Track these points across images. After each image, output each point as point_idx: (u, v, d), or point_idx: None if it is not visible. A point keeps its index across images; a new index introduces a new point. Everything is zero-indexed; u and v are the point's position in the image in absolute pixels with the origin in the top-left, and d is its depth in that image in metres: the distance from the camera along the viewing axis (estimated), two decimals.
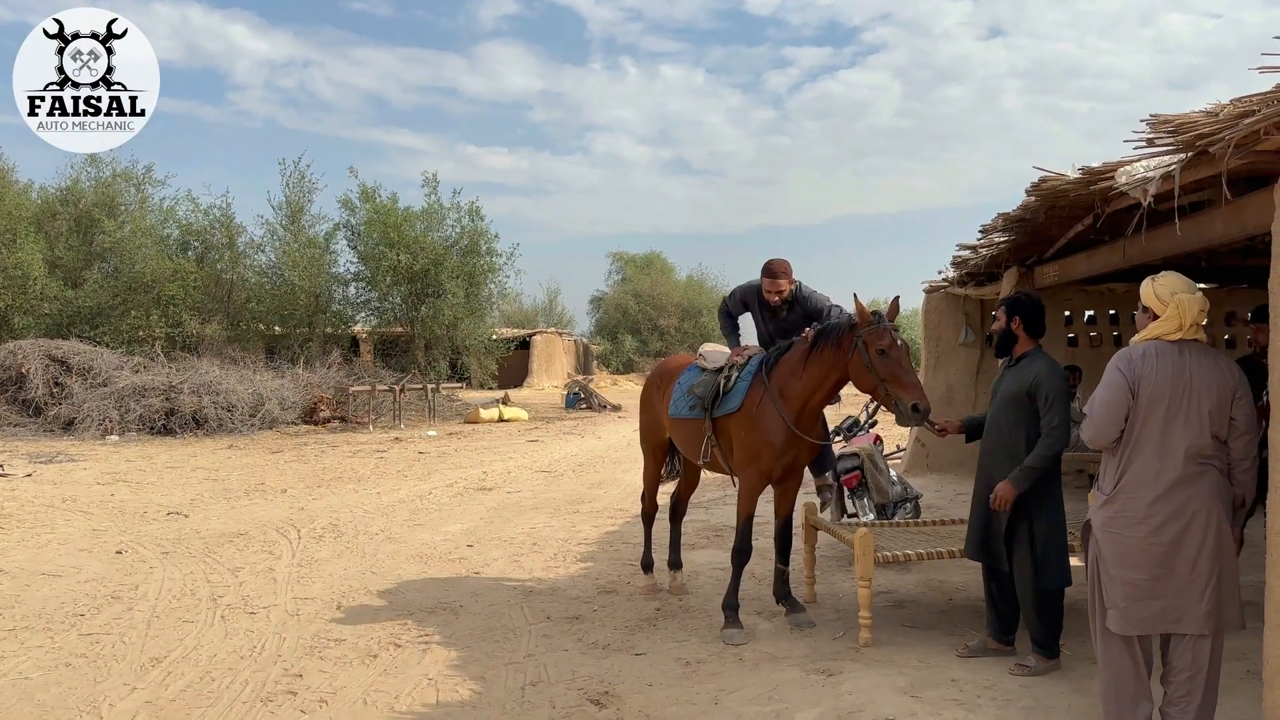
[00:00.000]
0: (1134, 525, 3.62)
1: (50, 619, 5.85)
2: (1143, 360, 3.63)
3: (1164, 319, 3.67)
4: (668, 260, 58.31)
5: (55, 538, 8.43)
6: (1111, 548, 3.68)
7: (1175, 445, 3.57)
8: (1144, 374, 3.61)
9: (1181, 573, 3.57)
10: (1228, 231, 4.62)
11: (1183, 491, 3.57)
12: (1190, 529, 3.56)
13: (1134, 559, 3.62)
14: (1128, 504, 3.64)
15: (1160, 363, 3.61)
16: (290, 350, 25.88)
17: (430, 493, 11.24)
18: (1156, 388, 3.58)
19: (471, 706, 4.39)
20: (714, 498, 10.24)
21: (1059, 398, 4.58)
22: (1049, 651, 4.71)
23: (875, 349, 5.01)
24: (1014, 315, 4.81)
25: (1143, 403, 3.60)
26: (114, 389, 18.56)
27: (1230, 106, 3.56)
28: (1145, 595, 3.61)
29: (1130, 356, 3.68)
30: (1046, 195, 5.23)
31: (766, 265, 5.90)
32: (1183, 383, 3.58)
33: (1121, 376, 3.64)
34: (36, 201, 27.05)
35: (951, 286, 10.54)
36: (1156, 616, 3.62)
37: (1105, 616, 3.71)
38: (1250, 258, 6.90)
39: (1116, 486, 3.68)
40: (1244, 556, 5.40)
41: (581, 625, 5.69)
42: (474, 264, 26.90)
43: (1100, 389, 3.73)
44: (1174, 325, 3.65)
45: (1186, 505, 3.56)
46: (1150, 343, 3.70)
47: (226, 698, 4.50)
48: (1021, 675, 4.63)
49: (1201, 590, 3.56)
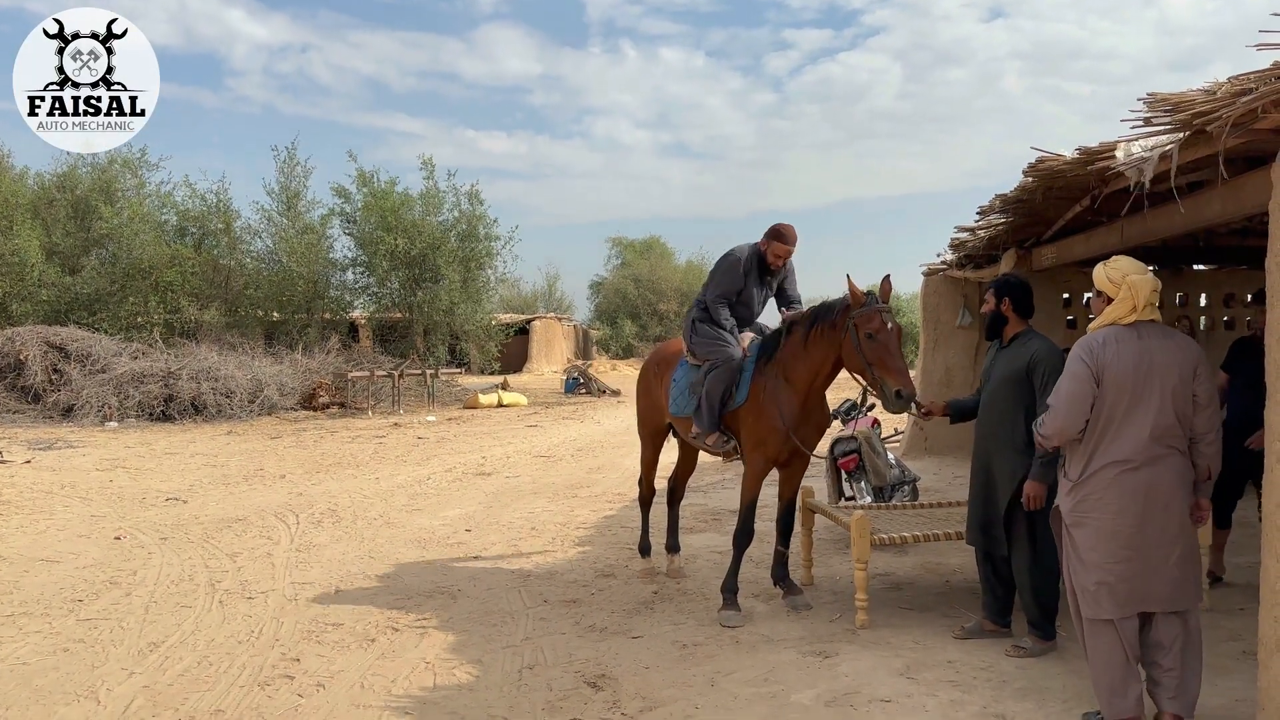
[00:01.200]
0: (1102, 509, 3.66)
1: (48, 604, 5.86)
2: (1104, 348, 3.66)
3: (1117, 301, 3.72)
4: (667, 245, 58.23)
5: (54, 524, 8.44)
6: (1082, 533, 3.72)
7: (1141, 428, 3.61)
8: (1106, 362, 3.63)
9: (1149, 553, 3.63)
10: (1226, 211, 4.60)
11: (1148, 473, 3.62)
12: (1156, 510, 3.62)
13: (1104, 543, 3.65)
14: (1095, 489, 3.67)
15: (1120, 348, 3.64)
16: (289, 336, 25.88)
17: (429, 478, 11.25)
18: (1119, 374, 3.62)
19: (469, 689, 4.39)
20: (712, 482, 10.25)
21: (1054, 377, 4.54)
22: (1045, 633, 4.71)
23: (864, 331, 5.00)
24: (1003, 297, 4.78)
25: (1108, 390, 3.63)
26: (113, 375, 18.55)
27: (1228, 85, 3.54)
28: (1116, 578, 3.64)
29: (1091, 345, 3.70)
30: (1044, 176, 5.21)
31: (782, 231, 5.68)
32: (1144, 365, 3.62)
33: (1084, 366, 3.67)
34: (33, 188, 26.93)
35: (950, 269, 10.51)
36: (1128, 598, 3.66)
37: (1082, 603, 3.75)
38: (1249, 238, 6.88)
39: (1084, 473, 3.71)
40: (1239, 537, 5.43)
41: (579, 609, 5.69)
42: (472, 248, 26.83)
43: (1064, 380, 3.74)
44: (1128, 308, 3.69)
45: (1152, 488, 3.61)
46: (1109, 329, 3.73)
47: (224, 682, 4.51)
48: (1018, 656, 4.64)
49: (1169, 569, 3.63)
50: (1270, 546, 3.42)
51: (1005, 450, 4.68)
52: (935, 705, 4.11)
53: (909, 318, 39.79)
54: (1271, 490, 3.42)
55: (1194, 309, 10.73)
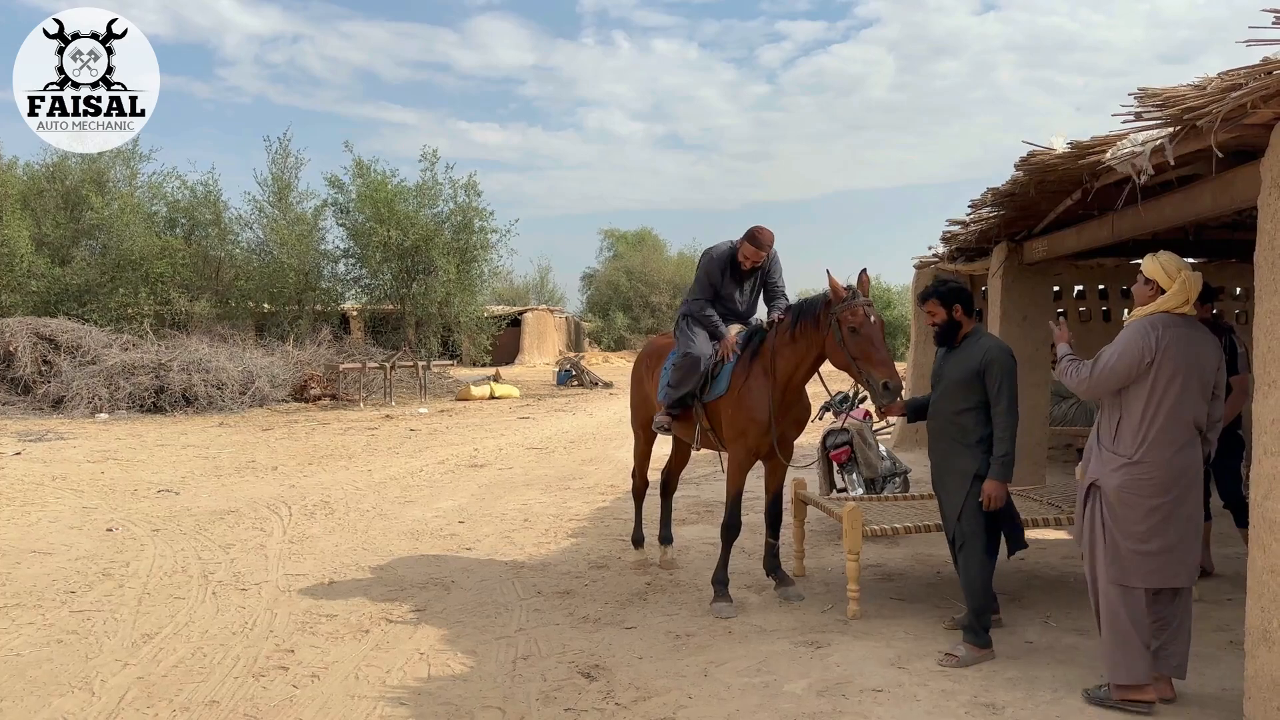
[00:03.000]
0: (1149, 487, 3.87)
1: (41, 596, 5.86)
2: (1165, 330, 3.88)
3: (1172, 293, 3.92)
4: (659, 237, 58.28)
5: (45, 515, 8.42)
6: (1125, 508, 3.91)
7: (1185, 414, 3.87)
8: (1167, 344, 3.85)
9: (1177, 532, 3.88)
10: (1216, 205, 4.62)
11: (1185, 457, 3.89)
12: (1188, 493, 3.89)
13: (1143, 518, 3.88)
14: (1148, 469, 3.88)
15: (1177, 335, 3.88)
16: (280, 327, 25.80)
17: (421, 470, 11.25)
18: (1177, 359, 3.85)
19: (463, 680, 4.41)
20: (704, 474, 10.27)
21: (1006, 376, 4.55)
22: (979, 640, 4.57)
23: (848, 326, 5.02)
24: (953, 303, 4.76)
25: (1165, 371, 3.85)
26: (103, 367, 18.47)
27: (1218, 80, 3.56)
28: (1149, 552, 3.88)
29: (1156, 325, 3.90)
30: (1035, 169, 5.22)
31: (756, 235, 5.76)
32: (1193, 355, 3.87)
33: (1146, 344, 3.86)
34: (23, 178, 26.75)
35: (942, 262, 10.54)
36: (1156, 571, 3.89)
37: (1110, 572, 3.94)
38: (1238, 232, 6.91)
39: (1140, 450, 3.89)
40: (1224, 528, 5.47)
41: (572, 600, 5.72)
42: (467, 240, 26.76)
43: (1123, 346, 3.91)
44: (1182, 299, 3.92)
45: (1186, 471, 3.89)
46: (1162, 315, 3.93)
47: (219, 673, 4.52)
48: (950, 665, 4.49)
49: (1188, 547, 3.91)
50: (1258, 537, 3.46)
51: (958, 449, 4.67)
52: (926, 695, 4.15)
53: (899, 310, 39.91)
54: (1259, 482, 3.45)
55: None
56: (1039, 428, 8.13)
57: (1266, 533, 3.39)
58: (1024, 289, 8.06)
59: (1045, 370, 8.27)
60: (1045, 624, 5.12)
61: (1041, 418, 8.17)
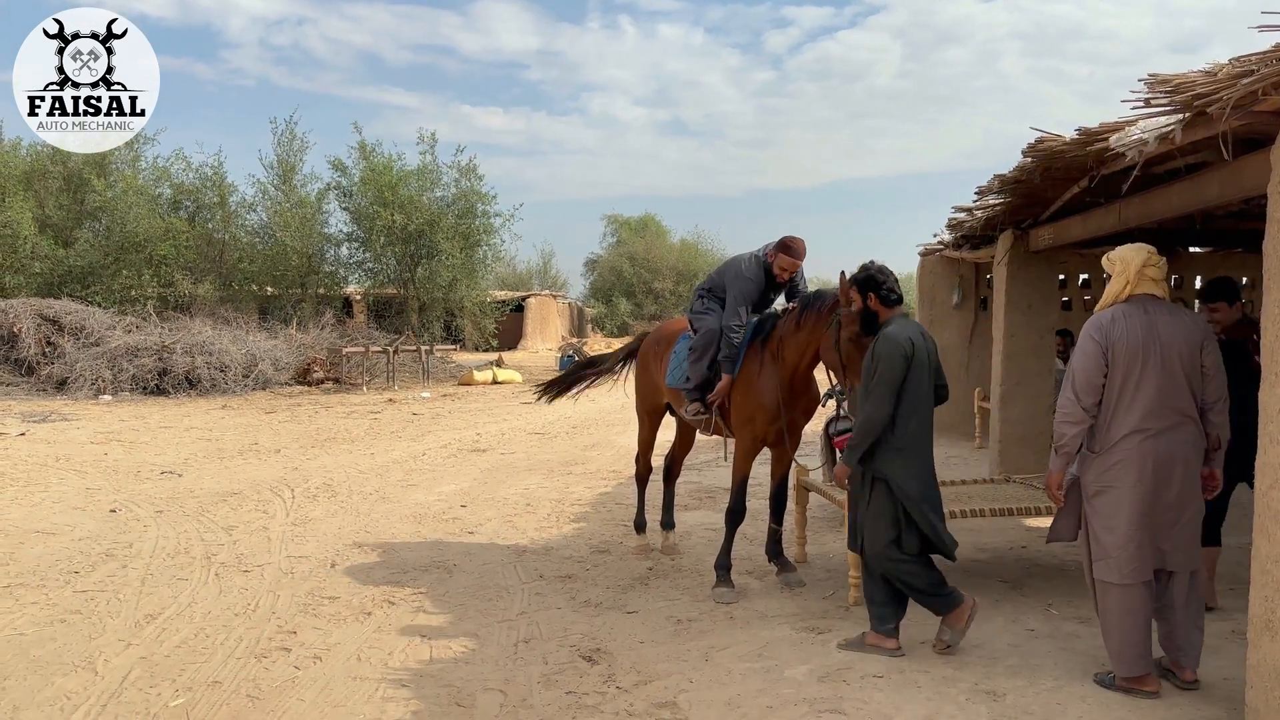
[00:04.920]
0: (1123, 476, 3.87)
1: (45, 576, 5.88)
2: (1112, 324, 3.90)
3: (1114, 278, 3.99)
4: (662, 223, 58.04)
5: (49, 496, 8.44)
6: (1103, 501, 3.93)
7: (1154, 398, 3.84)
8: (1115, 337, 3.86)
9: (1163, 517, 3.86)
10: (1224, 193, 4.60)
11: (1165, 440, 3.84)
12: (1171, 477, 3.85)
13: (1124, 509, 3.86)
14: (1116, 457, 3.88)
15: (1129, 324, 3.87)
16: (283, 311, 25.81)
17: (424, 453, 11.26)
18: (1129, 347, 3.84)
19: (464, 663, 4.42)
20: (707, 460, 10.27)
21: (880, 364, 4.42)
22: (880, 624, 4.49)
23: (846, 334, 5.01)
24: (867, 291, 4.69)
25: (1120, 363, 3.85)
26: (106, 349, 18.50)
27: (1228, 66, 3.53)
28: (1135, 543, 3.86)
29: (1100, 322, 3.94)
30: (1043, 156, 5.20)
31: (791, 246, 5.66)
32: (1153, 338, 3.85)
33: (1095, 343, 3.90)
34: (26, 159, 26.72)
35: (947, 249, 10.51)
36: (1145, 561, 3.88)
37: (1096, 567, 3.97)
38: (1246, 221, 6.88)
39: (1105, 443, 3.91)
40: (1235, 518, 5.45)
41: (574, 584, 5.73)
42: (470, 225, 26.70)
43: (1076, 359, 3.96)
44: (1122, 281, 3.96)
45: (1168, 454, 3.83)
46: (1115, 307, 3.96)
47: (221, 653, 4.53)
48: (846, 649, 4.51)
49: (1179, 531, 3.88)
50: (1262, 527, 3.45)
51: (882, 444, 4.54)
52: (927, 681, 4.15)
53: (905, 298, 39.90)
54: (1265, 471, 3.44)
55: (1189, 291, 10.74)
56: (1042, 416, 8.12)
57: (1271, 522, 3.38)
58: (1029, 277, 8.04)
59: (1049, 358, 8.26)
60: (1046, 611, 5.12)
61: (1044, 407, 8.15)
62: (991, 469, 8.18)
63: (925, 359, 4.52)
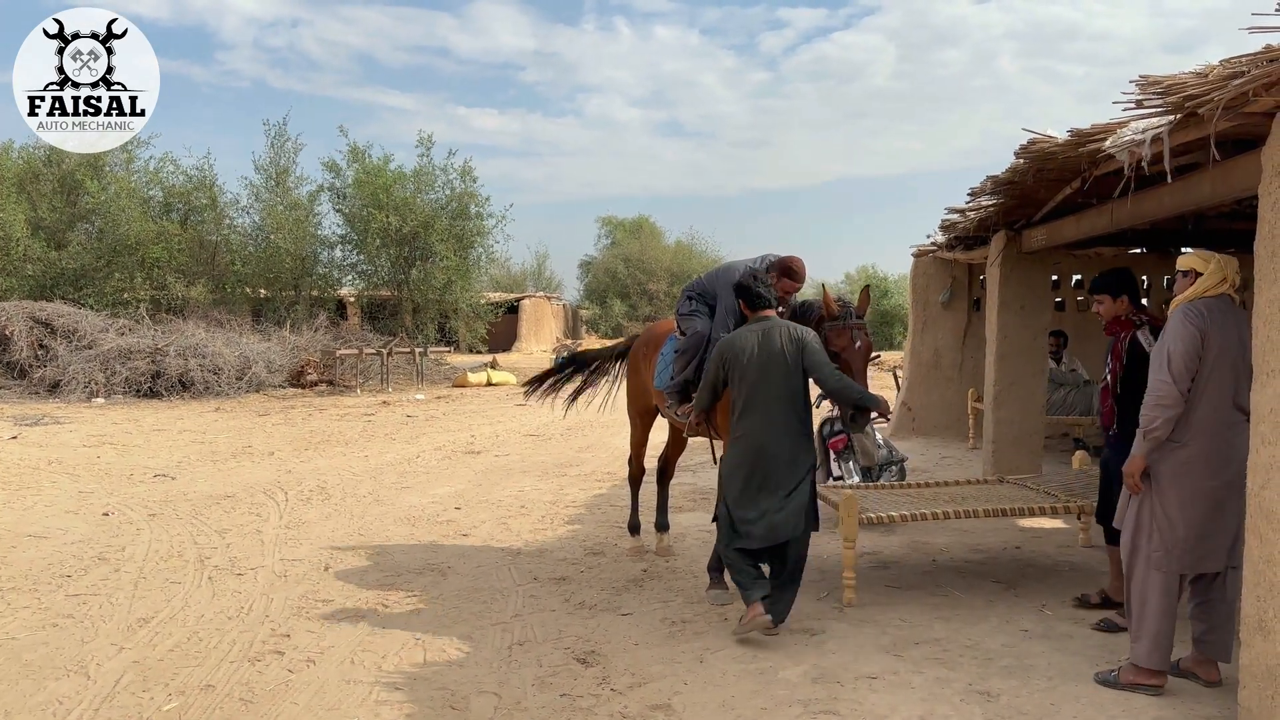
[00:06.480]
0: (1202, 469, 3.87)
1: (37, 580, 5.85)
2: (1210, 312, 3.88)
3: (1209, 274, 3.95)
4: (656, 225, 57.99)
5: (41, 499, 8.41)
6: (1178, 492, 3.90)
7: (1230, 393, 3.85)
8: (1211, 326, 3.85)
9: (1228, 515, 3.86)
10: (1216, 194, 4.62)
11: (1237, 439, 3.82)
12: (1240, 476, 3.80)
13: (1197, 502, 3.88)
14: (1199, 451, 3.87)
15: (1222, 317, 3.88)
16: (276, 313, 25.71)
17: (418, 456, 11.25)
18: (1222, 339, 3.84)
19: (459, 665, 4.42)
20: (701, 461, 10.27)
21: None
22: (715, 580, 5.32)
23: (832, 348, 5.00)
24: (738, 299, 5.07)
25: (1212, 353, 3.84)
26: (99, 351, 18.42)
27: (1219, 68, 3.54)
28: (1199, 535, 3.88)
29: (1199, 309, 3.90)
30: (1035, 157, 5.21)
31: (791, 268, 5.43)
32: (1236, 336, 3.85)
33: (1194, 328, 3.85)
34: (18, 161, 26.60)
35: (940, 250, 10.52)
36: (1203, 556, 3.90)
37: (1153, 557, 3.95)
38: (1237, 221, 6.89)
39: (1189, 434, 3.88)
40: None
41: (568, 586, 5.72)
42: (464, 226, 26.65)
43: (1173, 342, 3.88)
44: (1218, 278, 3.94)
45: (1237, 453, 3.80)
46: (1205, 299, 3.93)
47: (214, 657, 4.52)
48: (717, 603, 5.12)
49: (1237, 530, 3.85)
50: (1254, 527, 3.46)
51: None
52: (921, 682, 4.16)
53: (896, 299, 39.85)
54: (1256, 471, 3.45)
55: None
56: (1035, 416, 8.14)
57: (1263, 523, 3.39)
58: (1022, 277, 8.05)
59: (1042, 359, 8.27)
60: (1040, 612, 5.13)
61: (1037, 407, 8.17)
62: (985, 470, 8.18)
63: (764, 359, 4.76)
